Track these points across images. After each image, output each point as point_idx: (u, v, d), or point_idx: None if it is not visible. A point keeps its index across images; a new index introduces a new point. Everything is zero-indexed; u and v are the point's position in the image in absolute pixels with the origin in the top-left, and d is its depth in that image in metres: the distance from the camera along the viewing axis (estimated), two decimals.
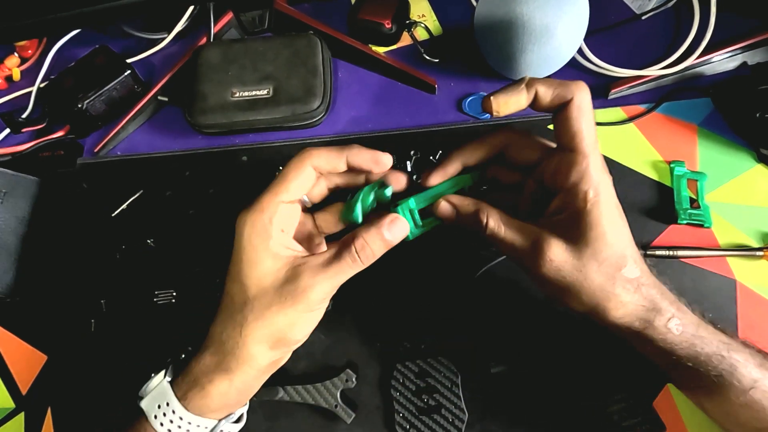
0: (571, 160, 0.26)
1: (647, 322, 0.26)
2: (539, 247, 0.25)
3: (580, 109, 0.25)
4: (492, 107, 0.26)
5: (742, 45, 0.41)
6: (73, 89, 0.44)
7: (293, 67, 0.43)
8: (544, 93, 0.25)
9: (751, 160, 0.39)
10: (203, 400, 0.26)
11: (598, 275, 0.25)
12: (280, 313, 0.25)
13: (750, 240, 0.36)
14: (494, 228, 0.27)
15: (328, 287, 0.25)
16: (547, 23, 0.37)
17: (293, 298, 0.25)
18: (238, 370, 0.26)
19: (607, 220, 0.25)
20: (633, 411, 0.31)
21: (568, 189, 0.26)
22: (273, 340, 0.25)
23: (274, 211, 0.26)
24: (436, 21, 0.49)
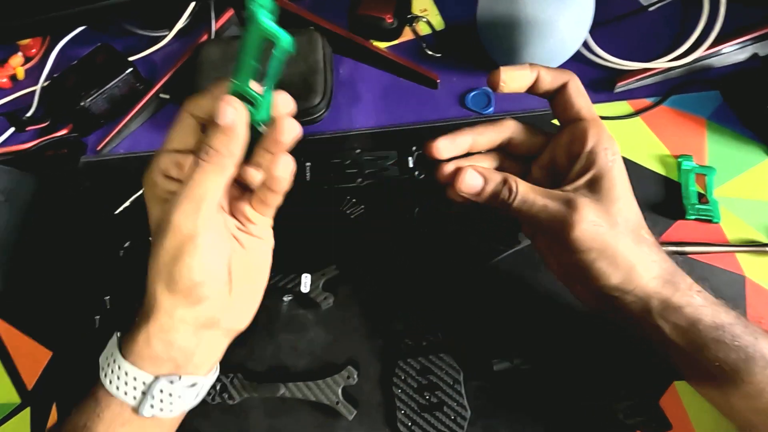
0: (584, 127, 0.27)
1: (674, 285, 0.25)
2: (574, 206, 0.25)
3: (578, 88, 0.28)
4: (500, 79, 0.27)
5: (752, 36, 0.40)
6: (75, 88, 0.44)
7: (293, 64, 0.43)
8: (545, 74, 0.28)
9: (761, 154, 0.38)
10: (134, 347, 0.25)
11: (629, 233, 0.25)
12: (159, 247, 0.24)
13: (760, 235, 0.35)
14: (525, 193, 0.26)
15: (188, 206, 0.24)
16: (551, 16, 0.37)
17: (162, 229, 0.24)
18: (151, 314, 0.25)
19: (625, 180, 0.26)
20: (639, 409, 0.30)
21: (588, 152, 0.26)
22: (165, 279, 0.24)
23: (158, 162, 0.26)
24: (438, 15, 0.48)
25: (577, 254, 0.26)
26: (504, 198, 0.26)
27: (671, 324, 0.25)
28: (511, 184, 0.26)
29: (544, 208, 0.26)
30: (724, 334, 0.25)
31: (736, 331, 0.25)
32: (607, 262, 0.25)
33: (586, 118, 0.27)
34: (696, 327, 0.25)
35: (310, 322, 0.36)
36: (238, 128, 0.24)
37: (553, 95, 0.28)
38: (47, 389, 0.36)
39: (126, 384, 0.25)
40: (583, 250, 0.25)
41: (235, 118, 0.23)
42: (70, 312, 0.38)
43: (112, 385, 0.25)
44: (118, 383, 0.25)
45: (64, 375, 0.37)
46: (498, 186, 0.27)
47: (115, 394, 0.25)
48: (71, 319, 0.38)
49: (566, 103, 0.28)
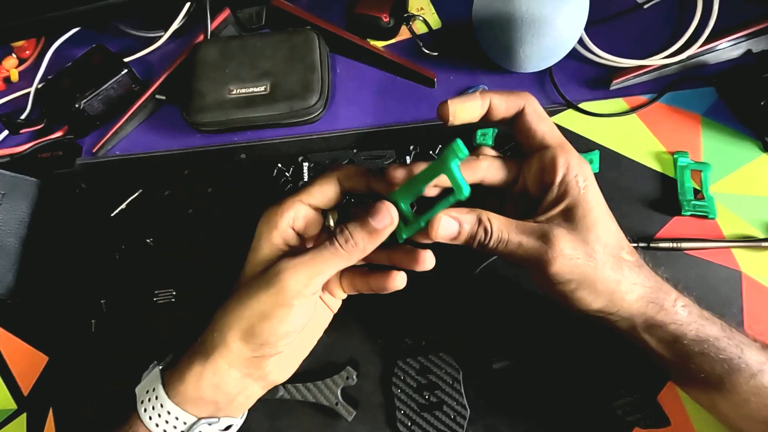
0: (552, 155, 0.26)
1: (658, 305, 0.26)
2: (549, 240, 0.25)
3: (536, 112, 0.27)
4: (448, 112, 0.26)
5: (746, 32, 0.41)
6: (70, 89, 0.44)
7: (290, 63, 0.43)
8: (497, 102, 0.27)
9: (756, 150, 0.38)
10: (180, 387, 0.25)
11: (607, 259, 0.25)
12: (254, 298, 0.25)
13: (755, 231, 0.36)
14: (500, 231, 0.25)
15: (304, 276, 0.24)
16: (547, 14, 0.37)
17: (266, 283, 0.25)
18: (210, 356, 0.25)
19: (601, 203, 0.26)
20: (637, 405, 0.31)
21: (559, 181, 0.26)
22: (245, 328, 0.25)
23: (289, 208, 0.27)
24: (434, 14, 0.48)
25: (557, 286, 0.26)
26: (480, 240, 0.26)
27: (656, 338, 0.26)
28: (485, 223, 0.25)
29: (519, 246, 0.25)
30: (709, 348, 0.25)
31: (721, 345, 0.25)
32: (587, 291, 0.25)
33: (552, 145, 0.26)
34: (681, 342, 0.25)
35: None
36: (384, 235, 0.25)
37: (512, 121, 0.28)
38: (44, 395, 0.36)
39: (167, 422, 0.26)
40: (562, 282, 0.25)
41: (388, 226, 0.25)
42: (66, 316, 0.38)
43: (152, 422, 0.26)
44: (159, 420, 0.26)
45: (60, 380, 0.36)
46: (473, 227, 0.26)
47: (154, 430, 0.26)
48: (67, 323, 0.38)
49: (527, 130, 0.27)
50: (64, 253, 0.40)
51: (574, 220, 0.26)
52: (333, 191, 0.28)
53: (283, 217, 0.27)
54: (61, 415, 0.35)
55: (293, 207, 0.27)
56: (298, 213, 0.27)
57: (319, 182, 0.28)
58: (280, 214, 0.27)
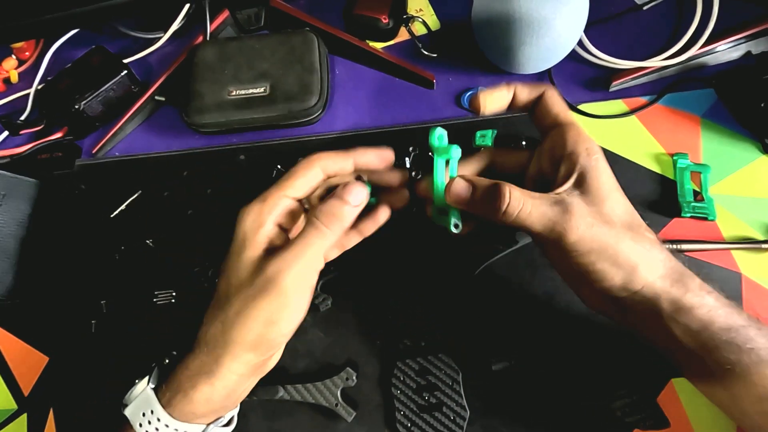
0: (563, 130, 0.27)
1: (685, 286, 0.25)
2: (567, 208, 0.25)
3: (554, 97, 0.29)
4: (480, 104, 0.29)
5: (746, 34, 0.41)
6: (69, 90, 0.44)
7: (289, 65, 0.43)
8: (521, 90, 0.29)
9: (755, 151, 0.38)
10: (188, 407, 0.25)
11: (626, 231, 0.25)
12: (256, 308, 0.24)
13: (755, 233, 0.36)
14: (518, 200, 0.25)
15: (300, 271, 0.24)
16: (546, 15, 0.37)
17: (266, 289, 0.24)
18: (219, 373, 0.25)
19: (612, 178, 0.26)
20: (636, 407, 0.31)
21: (569, 153, 0.27)
22: (252, 339, 0.24)
23: (274, 204, 0.26)
24: (433, 15, 0.48)
25: (577, 258, 0.25)
26: (497, 205, 0.25)
27: (682, 326, 0.25)
28: (503, 189, 0.25)
29: (538, 216, 0.25)
30: (737, 337, 0.24)
31: (750, 334, 0.24)
32: (609, 263, 0.25)
33: (564, 123, 0.28)
34: (708, 329, 0.24)
35: (308, 324, 0.36)
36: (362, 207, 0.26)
37: (531, 108, 0.29)
38: (44, 395, 0.36)
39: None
40: (582, 253, 0.25)
41: (364, 200, 0.26)
42: (67, 317, 0.38)
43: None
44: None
45: (61, 380, 0.36)
46: (488, 192, 0.26)
47: None
48: (67, 324, 0.38)
49: (545, 111, 0.29)
50: (64, 253, 0.40)
51: (588, 191, 0.26)
52: (316, 179, 0.27)
53: (269, 215, 0.26)
54: (61, 415, 0.35)
55: (274, 202, 0.26)
56: (283, 209, 0.27)
57: (301, 172, 0.27)
58: (266, 212, 0.26)
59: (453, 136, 0.30)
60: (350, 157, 0.28)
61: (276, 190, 0.27)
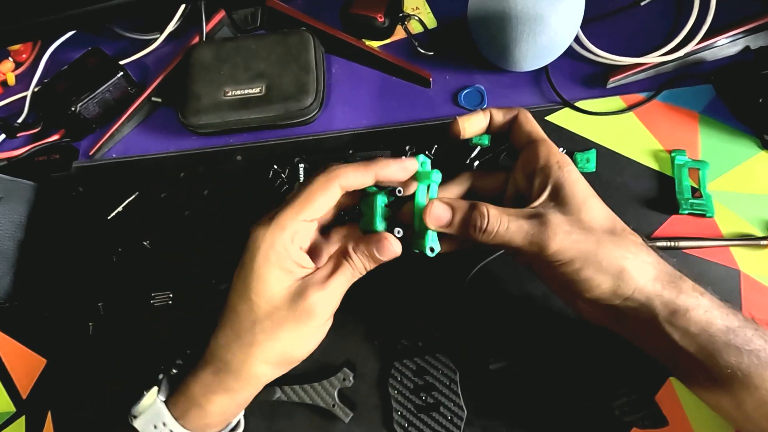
0: (535, 146, 0.29)
1: (677, 287, 0.24)
2: (544, 220, 0.25)
3: (527, 118, 0.30)
4: (458, 129, 0.31)
5: (744, 29, 0.40)
6: (66, 92, 0.44)
7: (285, 65, 0.43)
8: (496, 114, 0.31)
9: (754, 147, 0.38)
10: (203, 420, 0.26)
11: (607, 236, 0.25)
12: (292, 331, 0.25)
13: (754, 229, 0.35)
14: (496, 218, 0.26)
15: (333, 300, 0.26)
16: (542, 12, 0.36)
17: (305, 315, 0.25)
18: (240, 389, 0.26)
19: (586, 187, 0.27)
20: (635, 406, 0.30)
21: (541, 167, 0.27)
22: (279, 358, 0.26)
23: (296, 231, 0.26)
24: (430, 13, 0.48)
25: (561, 268, 0.25)
26: (476, 224, 0.26)
27: (681, 330, 0.24)
28: (481, 209, 0.26)
29: (517, 229, 0.25)
30: (736, 338, 0.23)
31: (748, 335, 0.24)
32: (594, 270, 0.25)
33: (535, 140, 0.29)
34: (707, 332, 0.24)
35: None
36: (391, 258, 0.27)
37: (508, 128, 0.31)
38: (42, 397, 0.36)
39: None
40: (565, 262, 0.25)
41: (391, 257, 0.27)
42: (64, 319, 0.38)
43: None
44: None
45: (59, 383, 0.36)
46: (467, 213, 0.26)
47: None
48: (65, 326, 0.38)
49: (519, 131, 0.30)
50: (61, 256, 0.40)
51: (563, 202, 0.26)
52: (335, 199, 0.26)
53: (291, 243, 0.25)
54: (59, 417, 0.35)
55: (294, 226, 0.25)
56: (305, 234, 0.26)
57: (319, 193, 0.26)
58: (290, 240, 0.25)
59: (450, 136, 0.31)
60: (371, 170, 0.27)
61: (294, 212, 0.25)
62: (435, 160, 0.40)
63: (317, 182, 0.26)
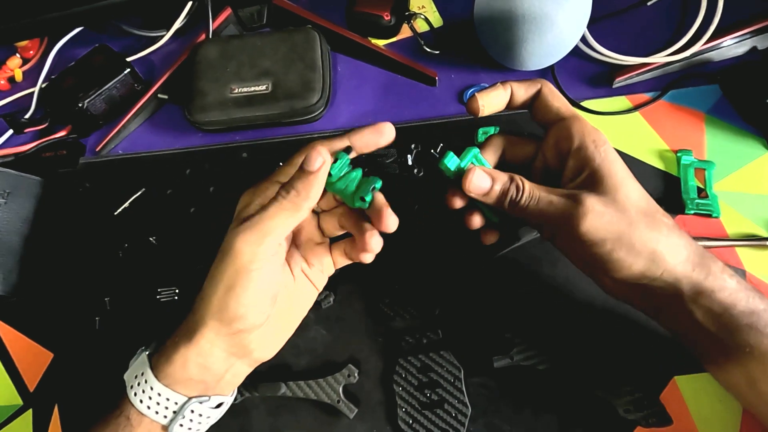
0: (567, 124, 0.27)
1: (706, 269, 0.25)
2: (578, 200, 0.25)
3: (552, 91, 0.28)
4: (477, 107, 0.29)
5: (751, 29, 0.40)
6: (73, 89, 0.44)
7: (291, 62, 0.43)
8: (517, 88, 0.29)
9: (760, 148, 0.38)
10: (168, 368, 0.26)
11: (641, 217, 0.25)
12: (216, 272, 0.25)
13: (760, 230, 0.35)
14: (531, 190, 0.26)
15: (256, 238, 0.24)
16: (548, 11, 0.36)
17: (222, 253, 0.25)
18: (193, 338, 0.26)
19: (622, 166, 0.26)
20: (639, 404, 0.30)
21: (576, 148, 0.27)
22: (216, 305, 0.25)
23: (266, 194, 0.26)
24: (436, 12, 0.48)
25: (592, 248, 0.25)
26: (512, 197, 0.26)
27: (704, 309, 0.25)
28: (518, 182, 0.26)
29: (550, 204, 0.26)
30: (759, 321, 0.24)
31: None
32: (626, 251, 0.25)
33: (566, 117, 0.28)
34: (729, 312, 0.24)
35: (310, 321, 0.36)
36: (321, 176, 0.25)
37: (530, 104, 0.29)
38: (49, 391, 0.36)
39: (158, 404, 0.26)
40: (596, 242, 0.25)
41: (321, 167, 0.25)
42: (71, 313, 0.38)
43: (143, 405, 0.26)
44: (150, 403, 0.26)
45: (65, 376, 0.37)
46: (505, 185, 0.27)
47: (146, 413, 0.26)
48: (72, 321, 0.38)
49: (544, 107, 0.28)
50: (67, 251, 0.40)
51: (598, 183, 0.25)
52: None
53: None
54: (66, 411, 0.35)
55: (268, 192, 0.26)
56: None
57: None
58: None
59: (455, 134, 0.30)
60: (346, 141, 0.27)
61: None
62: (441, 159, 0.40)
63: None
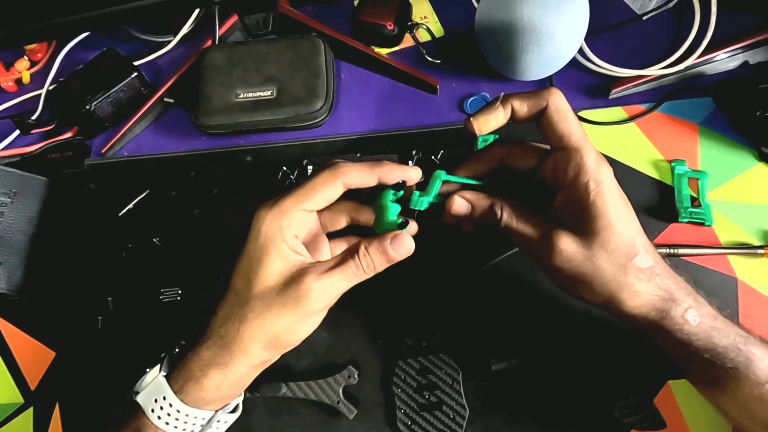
0: (566, 157, 0.27)
1: (663, 312, 0.26)
2: (549, 238, 0.26)
3: (558, 110, 0.26)
4: (474, 128, 0.28)
5: (743, 44, 0.42)
6: (81, 91, 0.45)
7: (296, 69, 0.44)
8: (519, 106, 0.27)
9: (752, 159, 0.39)
10: (199, 393, 0.26)
11: (610, 265, 0.26)
12: (279, 315, 0.25)
13: (751, 238, 0.36)
14: (508, 220, 0.28)
15: (330, 293, 0.26)
16: (548, 24, 0.38)
17: (294, 301, 0.25)
18: (231, 364, 0.26)
19: (613, 209, 0.26)
20: (634, 408, 0.31)
21: (568, 184, 0.27)
22: (267, 340, 0.26)
23: (293, 217, 0.26)
24: (437, 22, 0.49)
25: (558, 278, 0.28)
26: (490, 221, 0.29)
27: (666, 342, 0.27)
28: (496, 210, 0.28)
29: (523, 236, 0.28)
30: (715, 356, 0.26)
31: (729, 355, 0.25)
32: (585, 288, 0.27)
33: (568, 148, 0.26)
34: (688, 348, 0.26)
35: None
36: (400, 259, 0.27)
37: (536, 118, 0.27)
38: (50, 389, 0.37)
39: (185, 423, 0.27)
40: (561, 276, 0.27)
41: (405, 255, 0.27)
42: (74, 312, 0.39)
43: (170, 426, 0.26)
44: (177, 423, 0.27)
45: (67, 375, 0.37)
46: (483, 212, 0.29)
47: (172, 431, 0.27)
48: (74, 320, 0.38)
49: (549, 130, 0.27)
50: (72, 251, 0.41)
51: (580, 225, 0.26)
52: (336, 194, 0.27)
53: (289, 228, 0.26)
54: (67, 409, 0.36)
55: (292, 215, 0.26)
56: (302, 223, 0.27)
57: (322, 187, 0.26)
58: (285, 225, 0.26)
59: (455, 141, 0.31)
60: (375, 172, 0.27)
61: (295, 201, 0.26)
62: (441, 165, 0.41)
63: (322, 176, 0.27)
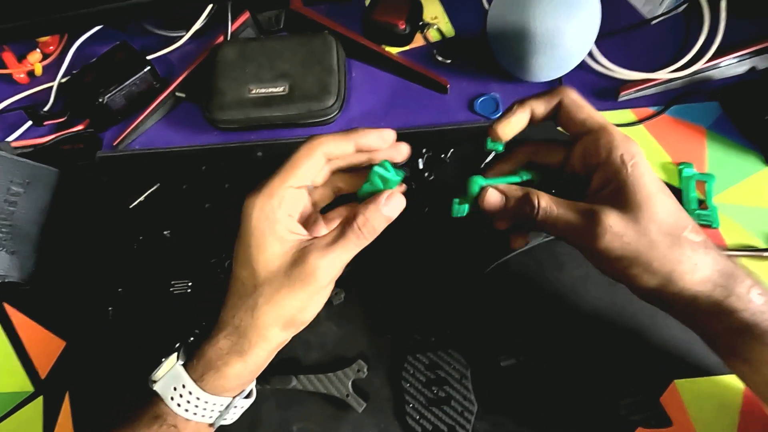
0: (594, 138, 0.26)
1: (728, 289, 0.24)
2: (596, 217, 0.25)
3: (574, 102, 0.27)
4: (498, 134, 0.29)
5: (751, 50, 0.42)
6: (93, 84, 0.45)
7: (309, 66, 0.44)
8: (536, 105, 0.28)
9: (759, 163, 0.39)
10: (219, 381, 0.27)
11: (663, 237, 0.24)
12: (290, 296, 0.26)
13: (757, 241, 0.37)
14: (547, 208, 0.26)
15: (335, 267, 0.26)
16: (559, 27, 0.38)
17: (302, 280, 0.25)
18: (251, 351, 0.26)
19: (652, 181, 0.25)
20: (640, 406, 0.31)
21: (603, 163, 0.26)
22: (284, 321, 0.26)
23: (283, 197, 0.26)
24: (448, 23, 0.49)
25: (608, 263, 0.26)
26: (527, 213, 0.27)
27: (723, 325, 0.25)
28: (532, 199, 0.26)
29: (566, 222, 0.26)
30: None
31: None
32: (641, 269, 0.25)
33: (593, 129, 0.27)
34: (750, 331, 0.24)
35: (321, 317, 0.36)
36: None
37: (554, 115, 0.28)
38: (60, 378, 0.37)
39: (205, 409, 0.27)
40: (612, 259, 0.25)
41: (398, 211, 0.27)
42: (84, 303, 0.39)
43: (189, 413, 0.27)
44: (197, 410, 0.27)
45: (77, 365, 0.37)
46: (519, 201, 0.27)
47: (193, 419, 0.27)
48: (85, 310, 0.39)
49: (569, 120, 0.28)
50: (83, 242, 0.41)
51: (623, 200, 0.25)
52: (319, 165, 0.27)
53: (280, 209, 0.26)
54: (77, 398, 0.36)
55: (282, 194, 0.26)
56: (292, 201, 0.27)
57: (303, 160, 0.27)
58: (276, 207, 0.26)
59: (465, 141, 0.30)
60: (351, 139, 0.27)
61: (280, 180, 0.26)
62: (450, 164, 0.42)
63: (301, 150, 0.27)
